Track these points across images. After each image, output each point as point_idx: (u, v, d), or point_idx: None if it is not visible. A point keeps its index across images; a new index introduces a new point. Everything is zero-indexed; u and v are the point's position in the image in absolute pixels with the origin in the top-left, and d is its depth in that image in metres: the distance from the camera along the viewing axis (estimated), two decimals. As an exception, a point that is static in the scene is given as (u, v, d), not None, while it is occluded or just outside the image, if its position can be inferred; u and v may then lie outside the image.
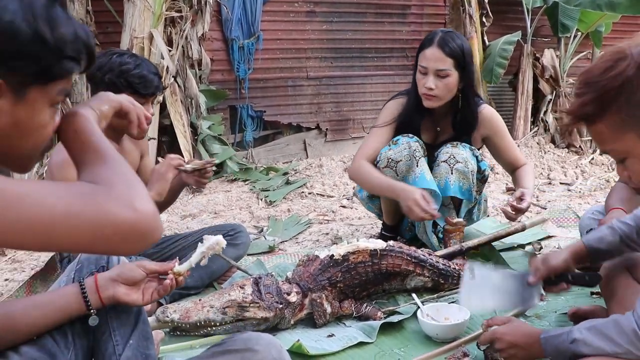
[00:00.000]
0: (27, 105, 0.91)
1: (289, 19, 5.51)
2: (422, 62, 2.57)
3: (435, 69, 2.53)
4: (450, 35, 2.58)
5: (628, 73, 1.20)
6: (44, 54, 0.88)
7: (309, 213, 3.78)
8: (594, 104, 1.25)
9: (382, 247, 2.15)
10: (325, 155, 5.59)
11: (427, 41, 2.59)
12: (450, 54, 2.53)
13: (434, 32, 2.62)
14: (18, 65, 0.87)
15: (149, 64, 2.27)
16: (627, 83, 1.20)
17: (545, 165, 5.10)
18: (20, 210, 0.79)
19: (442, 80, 2.54)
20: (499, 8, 6.09)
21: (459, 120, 2.68)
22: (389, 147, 2.61)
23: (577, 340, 1.34)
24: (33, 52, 0.87)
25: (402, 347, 1.90)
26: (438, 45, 2.54)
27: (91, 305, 1.24)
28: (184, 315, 1.96)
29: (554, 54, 5.98)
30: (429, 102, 2.60)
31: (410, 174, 2.55)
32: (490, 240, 2.57)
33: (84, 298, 1.23)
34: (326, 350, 1.86)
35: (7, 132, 0.91)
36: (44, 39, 0.87)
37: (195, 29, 4.82)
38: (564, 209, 3.45)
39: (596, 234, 1.70)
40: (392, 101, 2.80)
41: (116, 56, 2.19)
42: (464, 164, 2.56)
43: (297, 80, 5.62)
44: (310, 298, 2.05)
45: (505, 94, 6.43)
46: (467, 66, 2.58)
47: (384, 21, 5.89)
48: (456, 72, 2.55)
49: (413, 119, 2.68)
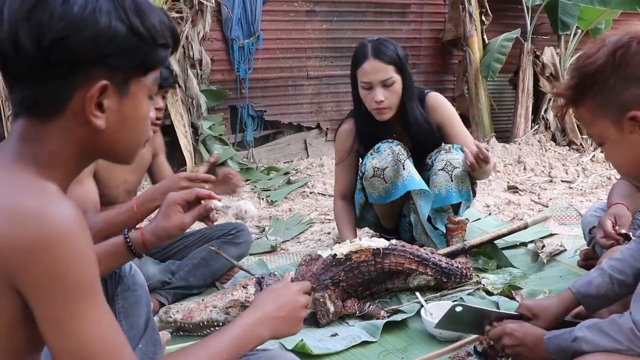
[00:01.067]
0: (130, 99, 0.93)
1: (289, 19, 5.51)
2: (363, 79, 2.52)
3: (379, 80, 2.49)
4: (381, 42, 2.53)
5: (601, 60, 1.24)
6: (141, 46, 0.89)
7: (311, 212, 3.78)
8: (574, 89, 1.30)
9: (384, 246, 2.15)
10: (326, 155, 5.59)
11: (360, 56, 2.54)
12: (389, 61, 2.49)
13: (363, 45, 2.56)
14: (119, 63, 0.88)
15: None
16: (600, 70, 1.24)
17: (546, 163, 5.09)
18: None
19: (389, 89, 2.50)
20: (498, 6, 6.09)
21: (407, 123, 2.62)
22: (371, 156, 2.57)
23: (578, 339, 1.35)
24: (130, 47, 0.88)
25: (406, 346, 1.90)
26: (374, 56, 2.49)
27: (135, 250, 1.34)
28: (186, 315, 1.96)
29: (554, 51, 5.97)
30: (382, 115, 2.55)
31: (399, 178, 2.52)
32: (493, 239, 2.57)
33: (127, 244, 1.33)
34: (330, 349, 1.86)
35: (116, 128, 0.93)
36: (138, 32, 0.88)
37: (195, 29, 4.82)
38: (566, 207, 3.44)
39: (584, 278, 1.63)
40: (341, 131, 2.77)
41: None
42: (460, 169, 2.55)
43: (298, 79, 5.62)
44: (313, 297, 2.05)
45: (506, 92, 6.43)
46: (405, 68, 2.54)
47: (384, 20, 5.89)
48: (399, 77, 2.52)
49: (372, 137, 2.64)
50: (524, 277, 2.38)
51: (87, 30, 0.84)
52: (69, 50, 0.84)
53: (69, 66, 0.86)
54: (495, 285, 2.28)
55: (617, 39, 1.25)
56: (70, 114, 0.89)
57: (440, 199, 2.55)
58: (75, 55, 0.85)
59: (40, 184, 0.85)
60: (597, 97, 1.26)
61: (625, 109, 1.23)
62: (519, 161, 5.17)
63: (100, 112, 0.90)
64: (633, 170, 1.33)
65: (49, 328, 0.84)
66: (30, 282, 0.82)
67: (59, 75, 0.86)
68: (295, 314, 1.14)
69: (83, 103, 0.88)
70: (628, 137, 1.26)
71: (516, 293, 2.18)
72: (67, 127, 0.90)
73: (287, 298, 1.13)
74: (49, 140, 0.90)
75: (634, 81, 1.22)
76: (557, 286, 2.25)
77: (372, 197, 2.63)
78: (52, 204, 0.83)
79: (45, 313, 0.83)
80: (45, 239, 0.80)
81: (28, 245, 0.80)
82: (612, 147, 1.32)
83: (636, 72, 1.22)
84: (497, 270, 2.48)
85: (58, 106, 0.88)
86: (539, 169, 4.93)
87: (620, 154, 1.31)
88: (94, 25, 0.85)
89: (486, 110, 5.92)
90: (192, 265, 2.37)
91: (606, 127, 1.28)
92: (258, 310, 1.10)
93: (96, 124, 0.90)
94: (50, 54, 0.84)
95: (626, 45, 1.22)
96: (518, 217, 3.45)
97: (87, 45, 0.85)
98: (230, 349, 1.02)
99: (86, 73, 0.87)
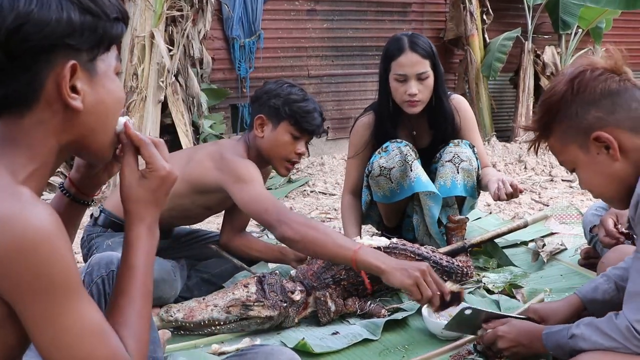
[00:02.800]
0: (101, 78, 0.94)
1: (290, 18, 5.51)
2: (398, 71, 2.52)
3: (415, 74, 2.50)
4: (416, 37, 2.55)
5: (562, 90, 1.35)
6: (96, 23, 0.91)
7: (311, 211, 3.78)
8: (541, 121, 1.41)
9: (385, 245, 2.15)
10: (327, 154, 5.60)
11: (395, 49, 2.54)
12: (425, 55, 2.51)
13: (398, 38, 2.57)
14: (80, 42, 0.89)
15: (317, 105, 2.24)
16: (562, 99, 1.35)
17: (547, 162, 5.09)
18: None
19: (423, 83, 2.52)
20: (499, 5, 6.10)
21: (436, 119, 2.64)
22: (379, 155, 2.57)
23: (575, 336, 1.37)
24: (86, 25, 0.89)
25: (407, 344, 1.90)
26: (411, 49, 2.50)
27: (79, 198, 1.16)
28: (187, 314, 1.96)
29: (555, 50, 5.98)
30: (413, 108, 2.56)
31: (405, 179, 2.52)
32: (493, 237, 2.57)
33: (65, 195, 1.16)
34: (331, 348, 1.86)
35: (92, 110, 0.94)
36: (90, 9, 0.90)
37: (196, 28, 4.82)
38: (567, 206, 3.44)
39: (590, 284, 1.68)
40: (359, 123, 2.76)
41: (287, 86, 2.19)
42: (468, 162, 2.55)
43: (298, 78, 5.62)
44: (315, 296, 2.05)
45: (507, 91, 6.44)
46: (438, 64, 2.57)
47: (385, 19, 5.89)
48: (432, 72, 2.54)
49: (387, 132, 2.64)
50: (524, 276, 2.38)
51: (40, 14, 0.85)
52: (27, 39, 0.85)
53: (32, 55, 0.86)
54: (495, 284, 2.29)
55: (573, 69, 1.37)
56: (44, 104, 0.89)
57: (445, 190, 2.55)
58: (36, 42, 0.85)
59: (14, 189, 0.85)
60: (562, 125, 1.36)
61: (589, 132, 1.32)
62: (519, 160, 5.18)
63: (74, 93, 0.90)
64: (606, 190, 1.41)
65: (37, 328, 0.85)
66: (13, 287, 0.82)
67: (24, 66, 0.87)
68: (169, 189, 1.05)
69: (57, 88, 0.89)
70: (596, 158, 1.34)
71: (517, 292, 2.19)
72: (42, 118, 0.90)
73: (163, 184, 1.03)
74: (24, 136, 0.90)
75: (592, 105, 1.32)
76: (558, 285, 2.25)
77: (377, 196, 2.63)
78: (27, 208, 0.83)
79: (32, 315, 0.84)
80: (24, 242, 0.81)
81: (8, 250, 0.80)
82: (584, 171, 1.40)
83: (593, 96, 1.32)
84: (497, 269, 2.48)
85: (31, 98, 0.88)
86: (540, 168, 4.93)
87: (591, 176, 1.39)
88: (45, 9, 0.86)
89: (487, 109, 5.93)
90: (201, 279, 2.36)
91: (575, 152, 1.37)
92: (146, 217, 1.03)
93: (74, 104, 0.90)
94: (9, 47, 0.84)
95: (581, 74, 1.34)
96: (519, 216, 3.45)
97: (44, 30, 0.86)
98: (148, 269, 1.01)
99: (51, 58, 0.88)
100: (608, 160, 1.33)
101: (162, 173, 1.03)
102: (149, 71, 4.32)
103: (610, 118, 1.31)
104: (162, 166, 1.03)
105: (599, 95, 1.32)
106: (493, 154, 5.43)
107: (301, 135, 2.19)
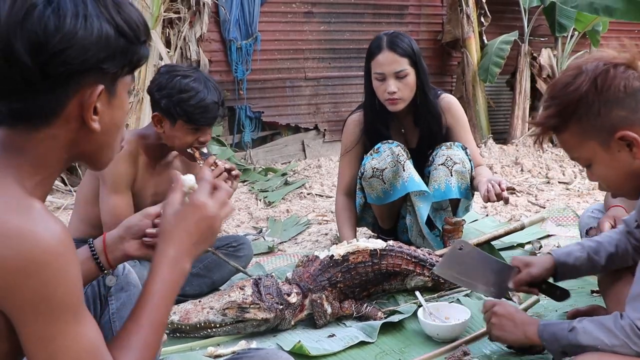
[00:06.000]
0: (117, 99, 0.94)
1: (287, 20, 5.51)
2: (377, 70, 2.56)
3: (393, 72, 2.53)
4: (396, 35, 2.58)
5: (584, 88, 1.33)
6: (129, 47, 0.90)
7: (308, 213, 3.78)
8: (557, 116, 1.39)
9: (381, 247, 2.15)
10: (324, 156, 5.60)
11: (375, 48, 2.58)
12: (403, 53, 2.54)
13: (378, 37, 2.61)
14: (112, 65, 0.89)
15: (213, 91, 2.19)
16: (583, 97, 1.33)
17: (543, 164, 5.10)
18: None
19: (402, 81, 2.54)
20: (496, 8, 6.10)
21: (421, 116, 2.66)
22: (371, 156, 2.59)
23: (576, 329, 1.38)
24: (120, 49, 0.89)
25: (403, 347, 1.90)
26: (389, 48, 2.54)
27: (103, 266, 1.21)
28: (183, 316, 1.96)
29: (552, 53, 5.99)
30: (393, 106, 2.58)
31: (398, 179, 2.53)
32: (490, 239, 2.58)
33: (94, 259, 1.20)
34: (327, 350, 1.86)
35: (106, 128, 0.93)
36: (124, 32, 0.89)
37: (193, 30, 4.82)
38: (563, 208, 3.45)
39: (565, 248, 1.76)
40: (349, 121, 2.79)
41: (179, 78, 2.10)
42: (461, 165, 2.56)
43: (295, 80, 5.63)
44: (311, 299, 2.05)
45: (503, 94, 6.44)
46: (420, 62, 2.59)
47: (382, 21, 5.89)
48: (412, 70, 2.56)
49: (379, 130, 2.67)
50: (521, 278, 2.38)
51: (83, 40, 0.84)
52: (67, 63, 0.84)
53: (66, 76, 0.85)
54: (492, 286, 2.28)
55: (594, 66, 1.35)
56: (62, 122, 0.88)
57: (439, 194, 2.56)
58: (75, 67, 0.84)
59: (25, 202, 0.84)
60: (582, 122, 1.35)
61: (613, 131, 1.33)
62: (516, 162, 5.18)
63: (94, 115, 0.90)
64: (623, 185, 1.42)
65: (34, 346, 0.84)
66: (16, 303, 0.82)
67: (55, 85, 0.85)
68: (210, 232, 1.06)
69: (79, 110, 0.88)
70: (616, 155, 1.35)
71: (513, 294, 2.19)
72: (57, 134, 0.89)
73: (198, 217, 1.03)
74: (34, 148, 0.89)
75: (617, 104, 1.32)
76: (554, 287, 2.26)
77: (371, 198, 2.64)
78: (38, 223, 0.82)
79: (32, 332, 0.83)
80: (32, 261, 0.80)
81: (15, 267, 0.79)
82: (601, 167, 1.40)
83: (617, 95, 1.32)
84: (494, 272, 2.48)
85: (51, 115, 0.87)
86: (536, 170, 4.94)
87: (609, 172, 1.40)
88: (88, 33, 0.84)
89: (484, 111, 5.93)
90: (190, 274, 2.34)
91: (594, 149, 1.37)
92: (171, 246, 1.03)
93: (94, 127, 0.90)
94: (48, 68, 0.83)
95: (605, 72, 1.33)
96: (515, 219, 3.46)
97: (85, 55, 0.84)
98: (164, 299, 1.01)
99: (82, 80, 0.87)
100: (629, 158, 1.34)
101: (196, 203, 1.03)
102: (146, 73, 4.32)
103: (634, 117, 1.32)
104: (201, 201, 1.04)
105: (623, 94, 1.32)
106: (490, 156, 5.44)
107: (200, 127, 2.15)
